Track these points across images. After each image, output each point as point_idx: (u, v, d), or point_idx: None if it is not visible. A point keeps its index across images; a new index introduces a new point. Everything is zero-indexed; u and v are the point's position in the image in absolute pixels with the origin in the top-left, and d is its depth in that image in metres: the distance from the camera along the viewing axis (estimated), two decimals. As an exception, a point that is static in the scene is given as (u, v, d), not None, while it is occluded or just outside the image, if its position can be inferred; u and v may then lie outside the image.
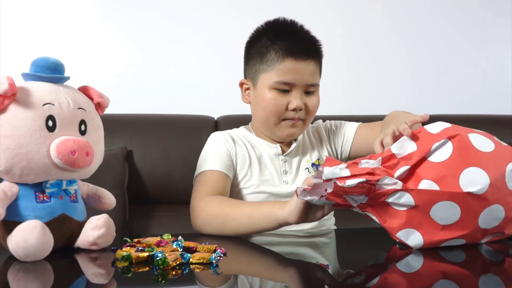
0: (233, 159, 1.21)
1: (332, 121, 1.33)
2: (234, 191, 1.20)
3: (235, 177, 1.21)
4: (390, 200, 0.83)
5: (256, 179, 1.20)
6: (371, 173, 0.81)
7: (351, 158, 1.29)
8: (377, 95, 2.21)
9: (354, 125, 1.28)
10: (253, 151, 1.24)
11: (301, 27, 1.22)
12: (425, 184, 0.82)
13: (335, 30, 2.15)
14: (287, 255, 0.92)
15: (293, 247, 1.00)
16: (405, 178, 0.85)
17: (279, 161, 1.24)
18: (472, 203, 0.82)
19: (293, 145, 1.25)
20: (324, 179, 0.81)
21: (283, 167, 1.23)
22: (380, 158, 0.86)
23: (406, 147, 0.86)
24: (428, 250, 0.84)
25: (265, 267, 0.83)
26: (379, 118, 1.26)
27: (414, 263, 0.81)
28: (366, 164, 0.85)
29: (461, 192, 0.81)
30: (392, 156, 0.86)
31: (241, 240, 1.01)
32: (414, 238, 0.85)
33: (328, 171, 0.81)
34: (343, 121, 1.32)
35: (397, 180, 0.82)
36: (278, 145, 1.25)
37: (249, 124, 1.31)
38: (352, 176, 0.80)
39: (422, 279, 0.73)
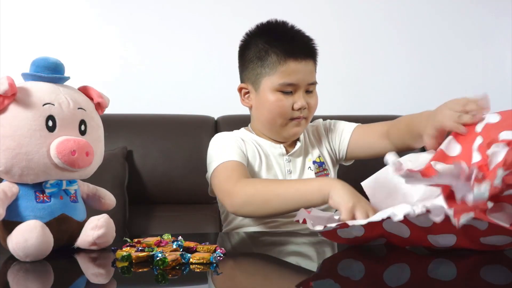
0: (244, 154, 1.21)
1: (332, 121, 1.33)
2: None
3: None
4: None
5: (266, 177, 1.21)
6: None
7: (348, 159, 1.30)
8: (377, 95, 2.21)
9: (351, 126, 1.28)
10: (261, 150, 1.25)
11: (292, 27, 1.23)
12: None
13: (335, 30, 2.15)
14: (289, 254, 0.92)
15: (295, 246, 1.00)
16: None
17: (283, 161, 1.24)
18: None
19: (297, 145, 1.25)
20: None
21: (287, 167, 1.23)
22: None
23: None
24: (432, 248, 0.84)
25: (266, 267, 0.83)
26: (379, 118, 1.26)
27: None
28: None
29: None
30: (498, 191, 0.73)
31: (241, 240, 1.01)
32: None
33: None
34: (342, 121, 1.32)
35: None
36: (282, 145, 1.25)
37: (249, 125, 1.32)
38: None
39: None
